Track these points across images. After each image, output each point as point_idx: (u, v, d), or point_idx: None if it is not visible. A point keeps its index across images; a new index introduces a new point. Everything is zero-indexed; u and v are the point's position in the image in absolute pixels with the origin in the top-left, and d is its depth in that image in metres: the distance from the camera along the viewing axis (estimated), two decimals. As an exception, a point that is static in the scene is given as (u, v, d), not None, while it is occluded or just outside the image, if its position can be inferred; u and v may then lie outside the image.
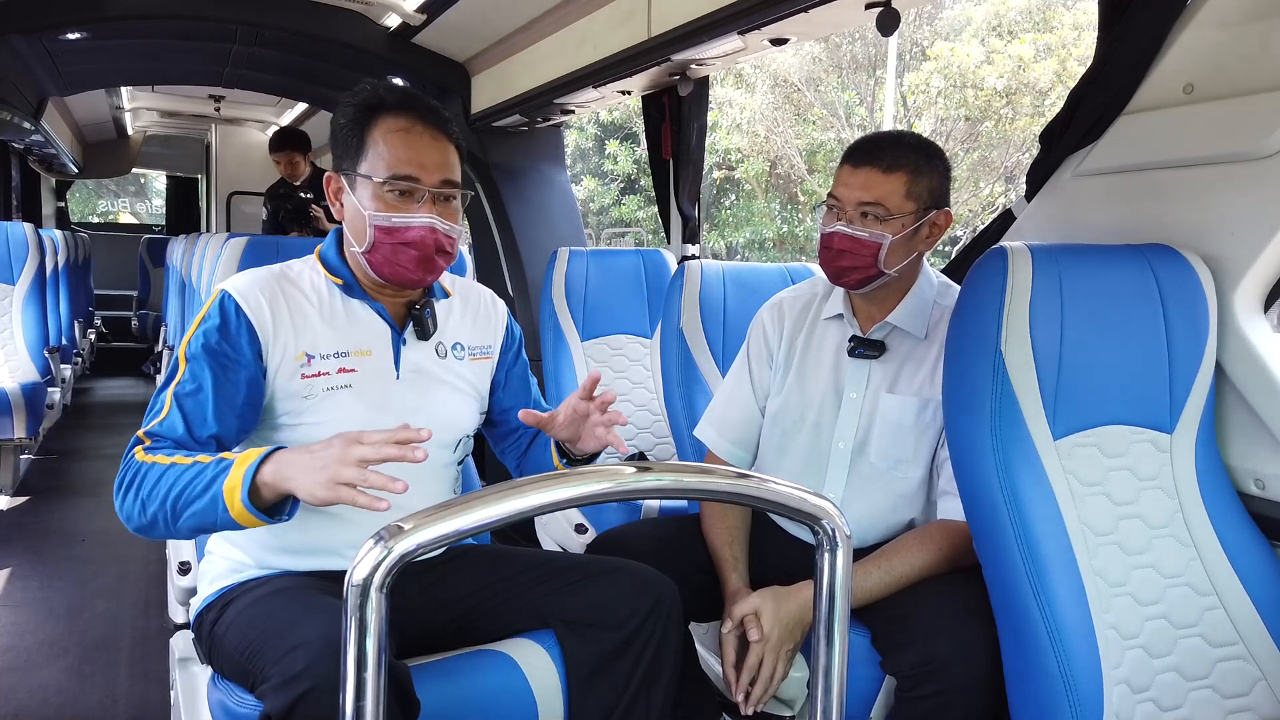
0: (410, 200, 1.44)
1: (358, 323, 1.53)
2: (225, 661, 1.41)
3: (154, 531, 1.32)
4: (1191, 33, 1.58)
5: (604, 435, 1.47)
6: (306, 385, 1.46)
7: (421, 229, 1.43)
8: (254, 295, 1.47)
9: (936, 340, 1.72)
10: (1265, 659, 1.41)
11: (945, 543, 1.63)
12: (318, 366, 1.47)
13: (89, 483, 4.79)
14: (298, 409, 1.46)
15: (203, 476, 1.26)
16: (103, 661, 2.70)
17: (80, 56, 4.54)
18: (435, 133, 1.47)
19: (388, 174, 1.43)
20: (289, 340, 1.47)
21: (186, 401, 1.39)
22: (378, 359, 1.52)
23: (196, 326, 1.45)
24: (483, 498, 0.85)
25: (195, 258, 2.82)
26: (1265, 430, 1.49)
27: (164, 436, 1.38)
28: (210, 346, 1.42)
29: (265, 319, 1.46)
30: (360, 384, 1.49)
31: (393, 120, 1.46)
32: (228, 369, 1.42)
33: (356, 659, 0.81)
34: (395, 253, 1.45)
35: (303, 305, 1.50)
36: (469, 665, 1.47)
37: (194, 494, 1.26)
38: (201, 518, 1.26)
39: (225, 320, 1.44)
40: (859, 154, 1.68)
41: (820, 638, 0.98)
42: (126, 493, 1.32)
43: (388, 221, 1.44)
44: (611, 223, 17.51)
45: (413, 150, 1.44)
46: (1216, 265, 1.53)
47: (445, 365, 1.59)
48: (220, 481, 1.24)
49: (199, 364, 1.41)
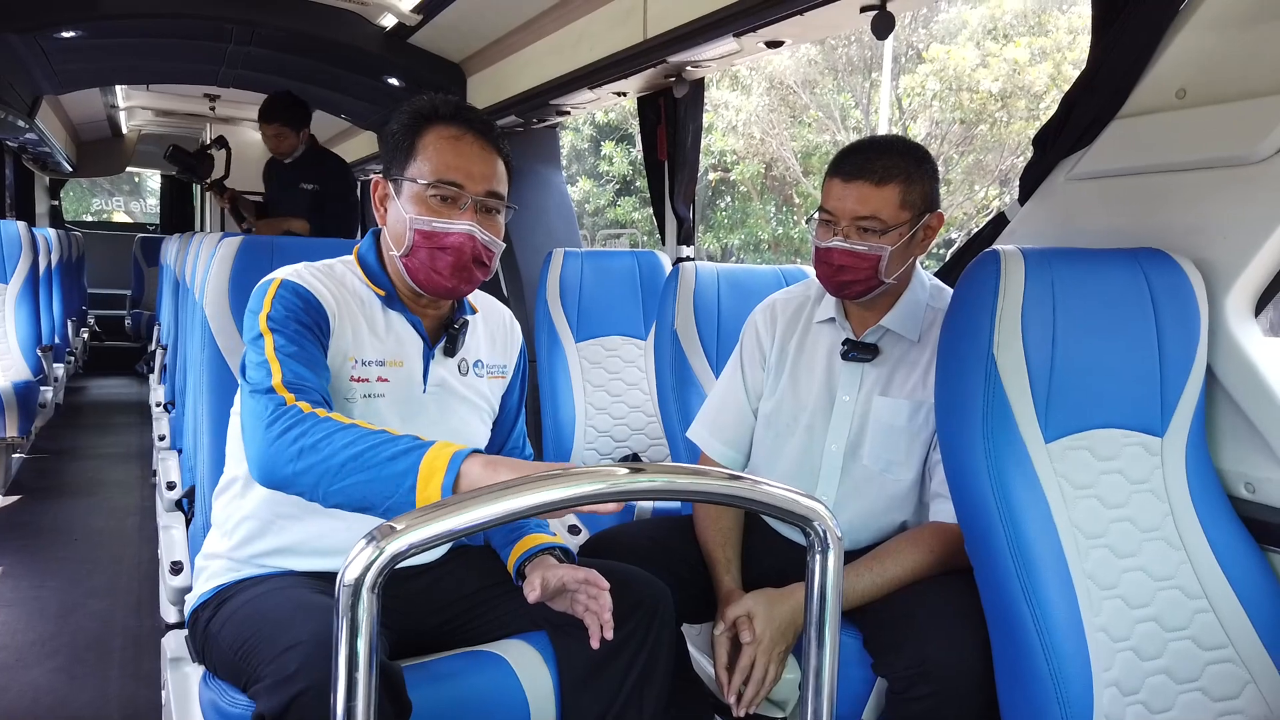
0: (453, 207, 1.44)
1: (394, 333, 1.53)
2: (218, 660, 1.41)
3: (298, 484, 1.25)
4: (1185, 37, 1.59)
5: (580, 613, 1.42)
6: (351, 388, 1.46)
7: (461, 235, 1.43)
8: (318, 285, 1.46)
9: (929, 343, 1.72)
10: (1254, 662, 1.42)
11: (937, 545, 1.63)
12: (361, 372, 1.47)
13: (82, 482, 4.78)
14: (337, 409, 1.43)
15: (393, 445, 1.20)
16: (94, 661, 2.69)
17: (75, 55, 4.53)
18: (485, 144, 1.47)
19: (433, 178, 1.43)
20: (347, 337, 1.47)
21: (296, 357, 1.34)
22: (408, 370, 1.52)
23: (270, 303, 1.41)
24: (475, 499, 0.85)
25: (189, 257, 2.81)
26: (1256, 434, 1.49)
27: (299, 387, 1.31)
28: (297, 316, 1.39)
29: (333, 307, 1.46)
30: (392, 394, 1.50)
31: (444, 128, 1.46)
32: (313, 336, 1.40)
33: (348, 659, 0.81)
34: (433, 258, 1.44)
35: (352, 307, 1.50)
36: (462, 666, 1.47)
37: (377, 460, 1.19)
38: (376, 489, 1.18)
39: (301, 297, 1.42)
40: (849, 167, 1.67)
41: (811, 639, 0.98)
42: (282, 435, 1.25)
43: (428, 226, 1.43)
44: (607, 224, 17.50)
45: (461, 158, 1.44)
46: (1208, 269, 1.53)
47: (466, 382, 1.59)
48: (417, 455, 1.18)
49: (288, 331, 1.37)
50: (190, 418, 2.08)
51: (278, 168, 4.26)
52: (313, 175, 4.17)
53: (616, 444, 3.00)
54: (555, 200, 4.25)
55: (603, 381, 3.02)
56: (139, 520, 4.07)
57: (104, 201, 15.49)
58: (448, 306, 1.58)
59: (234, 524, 1.52)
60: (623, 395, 3.03)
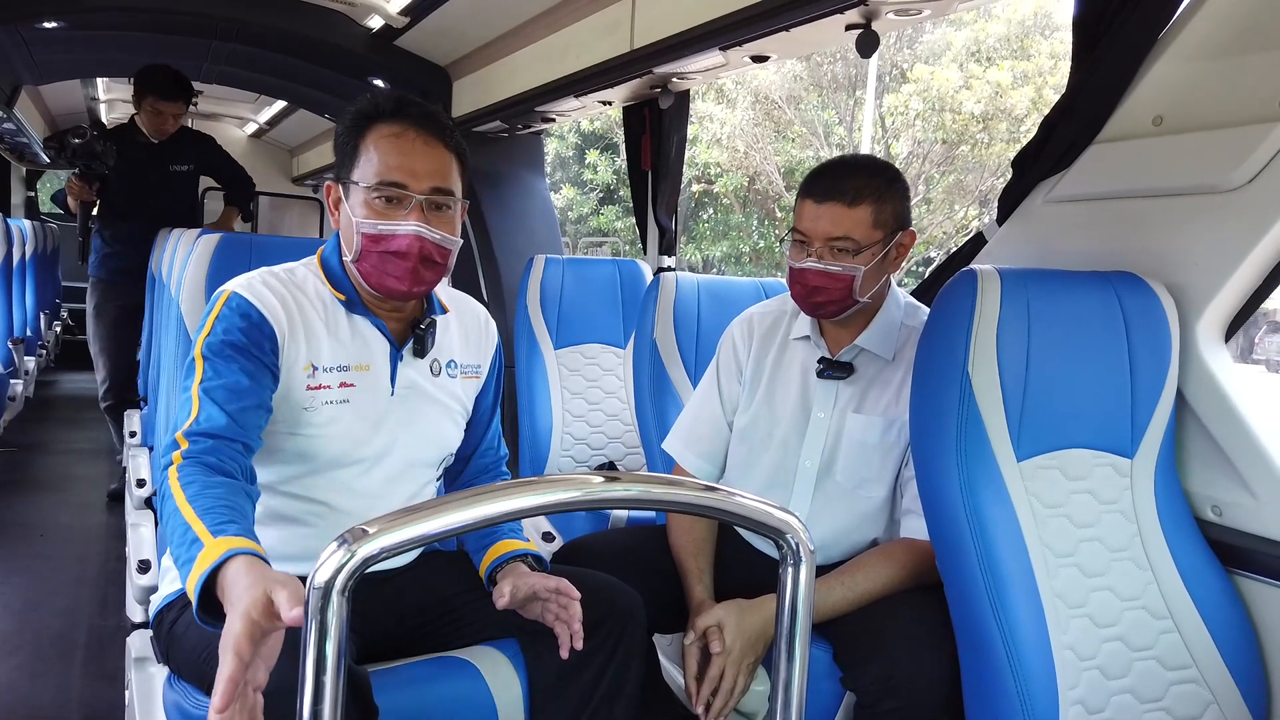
0: (399, 208, 1.41)
1: (359, 337, 1.50)
2: (183, 662, 1.39)
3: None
4: (1162, 66, 1.61)
5: (551, 622, 1.42)
6: (309, 397, 1.44)
7: (407, 238, 1.40)
8: (267, 297, 1.43)
9: (903, 361, 1.74)
10: (1217, 683, 1.43)
11: (909, 560, 1.64)
12: (321, 379, 1.45)
13: (50, 477, 4.71)
14: (297, 419, 1.43)
15: (186, 538, 1.17)
16: (57, 659, 2.65)
17: (56, 46, 4.48)
18: (429, 139, 1.43)
19: (376, 180, 1.41)
20: (301, 348, 1.44)
21: (218, 394, 1.33)
22: (375, 374, 1.50)
23: (211, 325, 1.40)
24: (448, 503, 0.85)
25: (166, 253, 2.78)
26: (1224, 458, 1.52)
27: (204, 435, 1.30)
28: (232, 341, 1.38)
29: (281, 322, 1.43)
30: (357, 399, 1.48)
31: (385, 126, 1.43)
32: (252, 361, 1.38)
33: (315, 662, 0.80)
34: (383, 262, 1.42)
35: (310, 315, 1.47)
36: (431, 672, 1.46)
37: (178, 554, 1.18)
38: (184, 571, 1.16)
39: (245, 317, 1.40)
40: (820, 188, 1.68)
41: (781, 651, 0.98)
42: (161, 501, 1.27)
43: (374, 229, 1.41)
44: (590, 232, 17.52)
45: (403, 156, 1.41)
46: (1180, 295, 1.55)
47: (438, 384, 1.57)
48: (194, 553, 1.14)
49: (221, 359, 1.36)
50: (162, 415, 2.06)
51: (135, 150, 3.94)
52: (187, 155, 4.10)
53: (593, 452, 2.99)
54: (538, 206, 4.24)
55: (581, 389, 3.02)
56: (107, 517, 4.01)
57: (81, 194, 15.31)
58: (414, 306, 1.55)
59: (203, 525, 1.51)
60: (600, 403, 3.03)
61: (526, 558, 1.53)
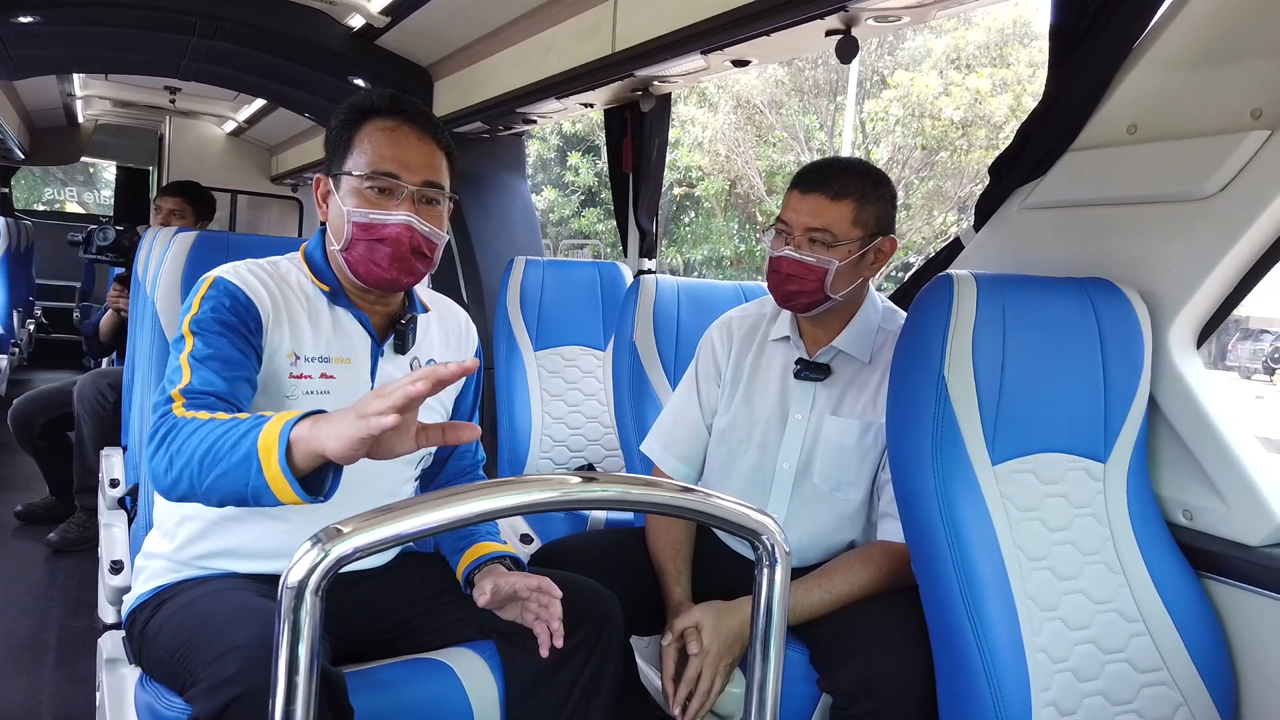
0: (390, 198, 1.44)
1: (341, 330, 1.51)
2: (155, 663, 1.38)
3: (178, 491, 1.21)
4: (1137, 75, 1.63)
5: (530, 621, 1.42)
6: (291, 385, 1.44)
7: (399, 226, 1.42)
8: (252, 283, 1.44)
9: (880, 365, 1.75)
10: (1187, 686, 1.45)
11: (885, 563, 1.65)
12: (303, 368, 1.45)
13: (21, 476, 4.65)
14: (276, 407, 1.42)
15: (236, 430, 1.15)
16: (28, 661, 2.62)
17: (32, 40, 4.43)
18: (423, 134, 1.47)
19: (369, 170, 1.43)
20: (285, 335, 1.45)
21: (211, 364, 1.32)
22: (355, 368, 1.50)
23: (198, 305, 1.39)
24: (424, 502, 0.84)
25: (142, 251, 2.75)
26: (1194, 463, 1.54)
27: (202, 393, 1.28)
28: (220, 318, 1.37)
29: (266, 306, 1.43)
30: (337, 391, 1.47)
31: (380, 121, 1.46)
32: (240, 338, 1.37)
33: (288, 663, 0.79)
34: (371, 250, 1.44)
35: (294, 304, 1.48)
36: (406, 673, 1.45)
37: (225, 449, 1.14)
38: (233, 479, 1.13)
39: (231, 297, 1.40)
40: (808, 180, 1.71)
41: (757, 652, 0.98)
42: (157, 448, 1.23)
43: (365, 218, 1.43)
44: (571, 234, 17.50)
45: (396, 148, 1.44)
46: (1153, 301, 1.57)
47: None
48: (254, 436, 1.12)
49: (210, 333, 1.35)
50: (136, 414, 2.04)
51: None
52: None
53: (572, 454, 2.99)
54: (519, 208, 4.23)
55: (560, 391, 3.01)
56: (79, 518, 3.95)
57: (56, 191, 15.16)
58: (396, 303, 1.56)
59: (175, 524, 1.50)
60: (580, 405, 3.03)
61: (504, 560, 1.53)
